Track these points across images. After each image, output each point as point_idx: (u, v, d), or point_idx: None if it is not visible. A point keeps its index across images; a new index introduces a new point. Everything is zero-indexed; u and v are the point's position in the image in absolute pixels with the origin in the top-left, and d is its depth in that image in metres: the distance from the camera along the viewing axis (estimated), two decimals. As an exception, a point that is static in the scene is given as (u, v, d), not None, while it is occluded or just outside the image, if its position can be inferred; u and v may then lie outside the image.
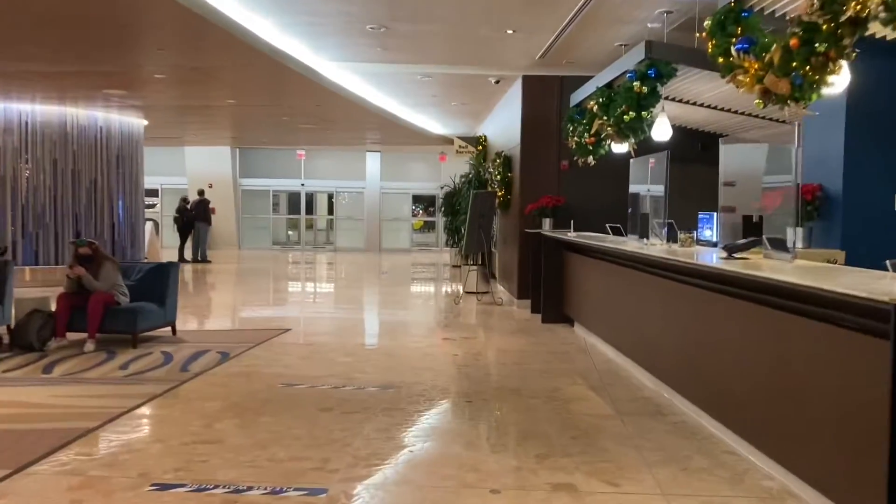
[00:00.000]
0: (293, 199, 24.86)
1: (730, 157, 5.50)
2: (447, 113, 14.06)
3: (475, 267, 11.05)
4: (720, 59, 4.25)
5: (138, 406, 4.91)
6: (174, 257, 18.77)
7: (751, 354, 3.83)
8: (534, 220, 9.70)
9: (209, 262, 17.63)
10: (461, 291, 11.09)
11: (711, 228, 5.83)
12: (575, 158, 8.32)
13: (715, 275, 4.23)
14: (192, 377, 5.77)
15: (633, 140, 6.62)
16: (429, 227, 27.05)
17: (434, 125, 16.00)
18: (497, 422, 4.83)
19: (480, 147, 14.51)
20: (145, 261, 13.96)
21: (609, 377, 5.94)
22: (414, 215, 25.36)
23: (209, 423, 4.53)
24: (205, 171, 22.95)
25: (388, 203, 24.20)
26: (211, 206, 23.17)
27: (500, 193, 10.74)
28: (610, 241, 6.74)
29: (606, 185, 9.90)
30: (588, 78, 8.40)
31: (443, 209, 18.27)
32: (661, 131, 6.55)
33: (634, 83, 6.12)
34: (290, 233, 25.60)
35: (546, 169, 9.92)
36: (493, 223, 10.85)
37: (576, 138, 8.20)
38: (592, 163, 8.11)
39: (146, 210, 23.03)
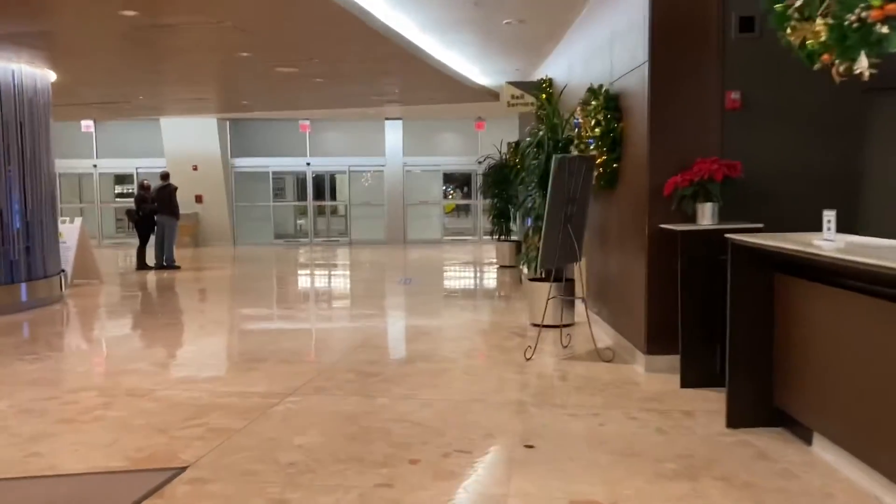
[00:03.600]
0: (298, 181, 20.45)
1: None
2: (493, 44, 9.41)
3: (554, 286, 6.45)
4: None
5: None
6: (134, 264, 14.55)
7: None
8: (677, 207, 5.07)
9: (177, 267, 13.32)
10: (535, 336, 6.54)
11: None
12: (821, 66, 3.62)
13: None
14: None
15: None
16: (463, 210, 22.51)
17: (471, 69, 11.33)
18: None
19: (543, 95, 9.83)
20: (63, 274, 9.65)
21: None
22: (446, 197, 20.78)
23: None
24: (187, 150, 18.72)
25: (414, 183, 19.66)
26: (197, 193, 19.06)
27: (599, 160, 6.10)
28: None
29: (818, 139, 5.24)
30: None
31: (482, 189, 13.75)
32: None
33: None
34: (300, 222, 21.22)
35: (696, 109, 5.25)
36: (587, 212, 6.22)
37: (823, 20, 3.50)
38: (867, 72, 3.42)
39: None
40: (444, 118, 18.93)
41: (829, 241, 3.47)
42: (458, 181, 21.36)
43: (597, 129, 6.09)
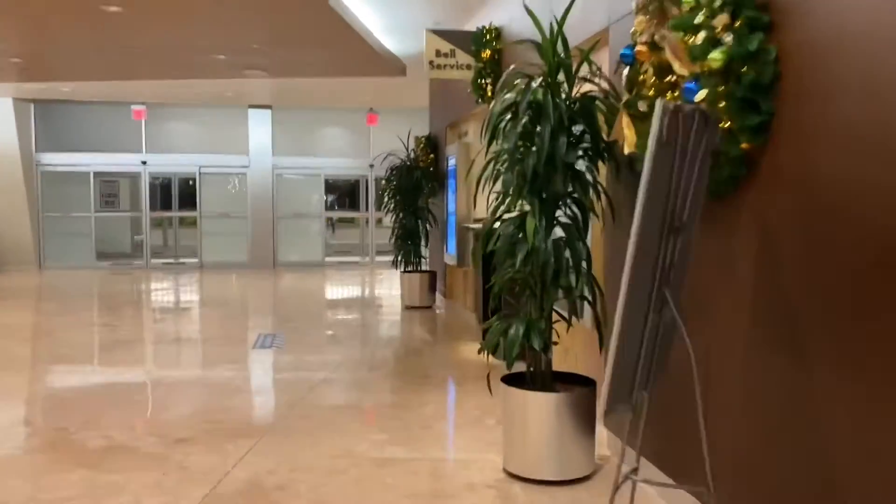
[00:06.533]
0: (131, 185, 15.76)
1: None
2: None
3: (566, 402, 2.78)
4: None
5: None
6: None
7: None
8: None
9: None
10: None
11: None
12: None
13: None
14: None
15: None
16: (347, 223, 18.64)
17: (369, 17, 7.57)
18: None
19: (487, 53, 6.26)
20: None
21: None
22: (329, 209, 16.78)
23: None
24: (-31, 141, 13.72)
25: (287, 191, 15.55)
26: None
27: (726, 126, 2.49)
28: None
29: None
30: None
31: (382, 199, 10.01)
32: None
33: None
34: (136, 237, 16.46)
35: None
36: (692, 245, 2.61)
37: None
38: None
39: None
40: (325, 107, 15.01)
41: None
42: (344, 189, 17.44)
43: (715, 55, 2.50)
